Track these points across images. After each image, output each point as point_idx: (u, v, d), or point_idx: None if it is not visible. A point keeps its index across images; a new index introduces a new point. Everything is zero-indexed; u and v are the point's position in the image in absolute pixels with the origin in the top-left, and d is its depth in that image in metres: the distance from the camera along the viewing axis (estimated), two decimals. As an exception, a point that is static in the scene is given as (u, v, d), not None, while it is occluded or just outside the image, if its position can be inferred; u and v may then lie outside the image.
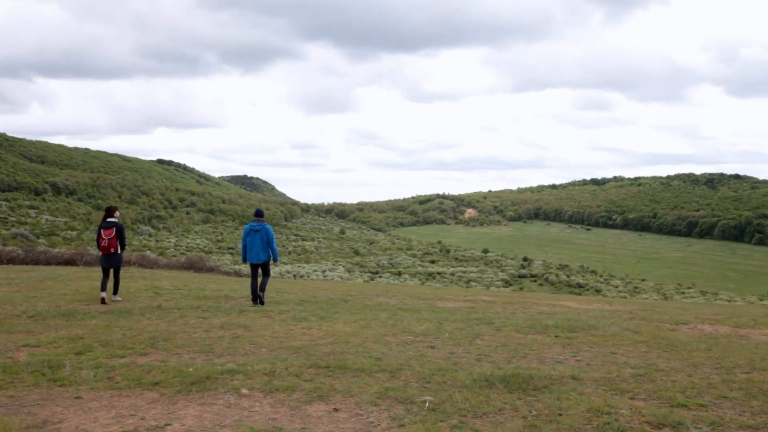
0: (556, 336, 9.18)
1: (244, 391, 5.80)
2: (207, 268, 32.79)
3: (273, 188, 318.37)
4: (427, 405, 5.37)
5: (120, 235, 12.11)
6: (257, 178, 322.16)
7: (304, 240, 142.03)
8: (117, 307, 11.28)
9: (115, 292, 12.51)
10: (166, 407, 5.34)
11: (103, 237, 12.02)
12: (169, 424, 4.91)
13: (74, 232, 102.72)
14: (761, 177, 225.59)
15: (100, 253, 12.24)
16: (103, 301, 11.81)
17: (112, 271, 12.42)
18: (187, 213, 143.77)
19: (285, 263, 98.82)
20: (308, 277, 78.76)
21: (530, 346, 8.31)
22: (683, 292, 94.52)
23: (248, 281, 20.48)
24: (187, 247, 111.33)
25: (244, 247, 12.55)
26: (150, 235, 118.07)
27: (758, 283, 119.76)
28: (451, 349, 7.99)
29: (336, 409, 5.32)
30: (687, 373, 6.77)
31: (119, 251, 12.22)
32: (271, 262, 12.75)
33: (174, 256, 69.92)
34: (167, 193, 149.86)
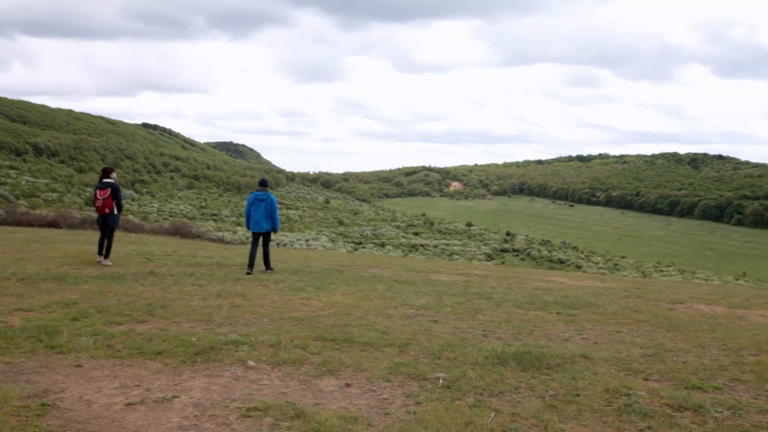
0: (558, 313, 9.09)
1: (250, 363, 5.63)
2: (193, 234, 32.48)
3: (259, 156, 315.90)
4: (441, 382, 5.24)
5: (116, 196, 12.19)
6: (243, 145, 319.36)
7: (288, 209, 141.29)
8: (109, 271, 11.03)
9: (106, 256, 12.38)
10: (172, 378, 5.16)
11: (98, 197, 12.13)
12: (177, 396, 4.73)
13: (55, 194, 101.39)
14: (743, 158, 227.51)
15: (97, 214, 12.31)
16: (99, 253, 12.19)
17: (106, 231, 12.43)
18: (171, 178, 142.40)
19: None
20: (291, 245, 78.42)
21: (534, 323, 8.21)
22: (662, 270, 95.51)
23: (239, 249, 20.37)
24: (170, 212, 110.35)
25: (248, 215, 12.57)
26: (133, 200, 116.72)
27: (734, 263, 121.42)
28: (455, 324, 7.87)
29: (348, 385, 5.17)
30: (696, 354, 6.70)
31: (114, 212, 12.28)
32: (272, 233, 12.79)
33: (157, 221, 69.28)
34: (151, 157, 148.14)
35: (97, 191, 12.25)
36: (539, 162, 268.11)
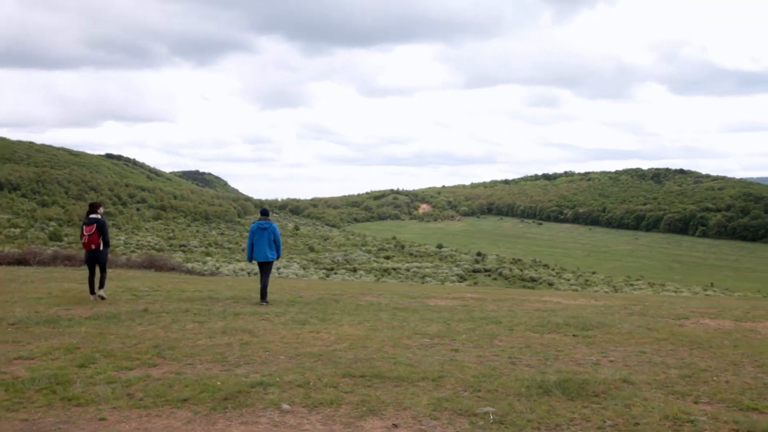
0: (573, 335, 8.89)
1: (285, 406, 5.29)
2: (168, 267, 31.74)
3: (226, 184, 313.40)
4: (491, 417, 4.97)
5: (102, 231, 12.03)
6: (210, 174, 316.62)
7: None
8: (102, 311, 10.54)
9: (101, 286, 12.36)
10: (206, 428, 4.81)
11: (84, 233, 12.01)
12: (218, 448, 4.39)
13: (18, 230, 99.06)
14: (704, 172, 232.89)
15: (83, 250, 12.26)
16: (98, 298, 12.08)
17: (97, 267, 12.34)
18: (138, 209, 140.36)
19: (239, 260, 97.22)
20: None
21: (555, 347, 8.00)
22: (632, 284, 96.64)
23: (224, 281, 19.85)
24: (137, 244, 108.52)
25: (251, 245, 12.60)
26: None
27: (701, 274, 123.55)
28: (476, 352, 7.61)
29: (396, 426, 4.87)
30: (733, 373, 6.54)
31: (101, 248, 12.12)
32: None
33: (125, 254, 67.86)
34: (116, 188, 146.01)
35: (84, 227, 12.08)
36: (506, 182, 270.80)
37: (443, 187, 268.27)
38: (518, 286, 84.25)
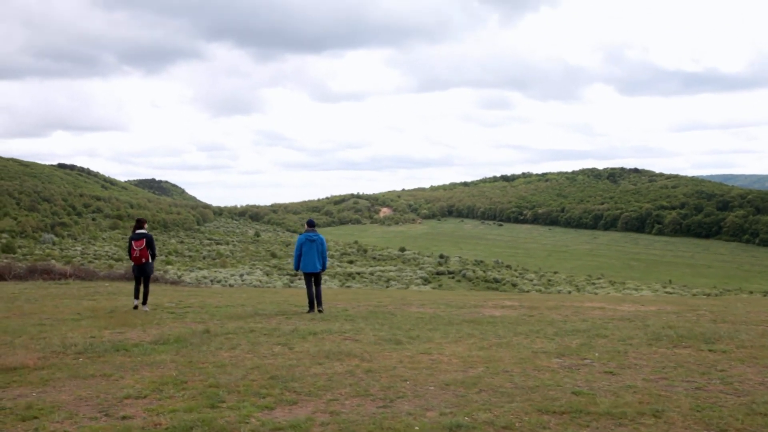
0: (710, 350, 8.14)
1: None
2: (151, 279, 30.18)
3: (183, 191, 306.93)
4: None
5: (150, 246, 12.77)
6: (166, 182, 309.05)
7: (218, 244, 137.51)
8: (163, 334, 9.39)
9: (144, 302, 12.81)
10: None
11: (135, 248, 12.66)
12: None
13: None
14: (656, 170, 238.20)
15: (132, 263, 12.98)
16: (135, 308, 12.56)
17: (142, 279, 12.91)
18: (93, 219, 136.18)
19: (201, 268, 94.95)
20: (226, 282, 75.73)
21: (708, 365, 7.26)
22: (593, 283, 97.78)
23: (238, 292, 18.55)
24: (95, 254, 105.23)
25: (299, 256, 12.66)
26: (54, 244, 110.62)
27: (660, 272, 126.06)
28: (635, 374, 6.81)
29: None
30: None
31: (150, 261, 12.83)
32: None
33: (82, 264, 65.31)
34: (70, 198, 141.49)
35: (133, 242, 12.69)
36: (465, 184, 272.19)
37: (403, 190, 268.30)
38: (482, 288, 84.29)
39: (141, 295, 12.91)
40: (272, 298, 16.56)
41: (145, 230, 12.91)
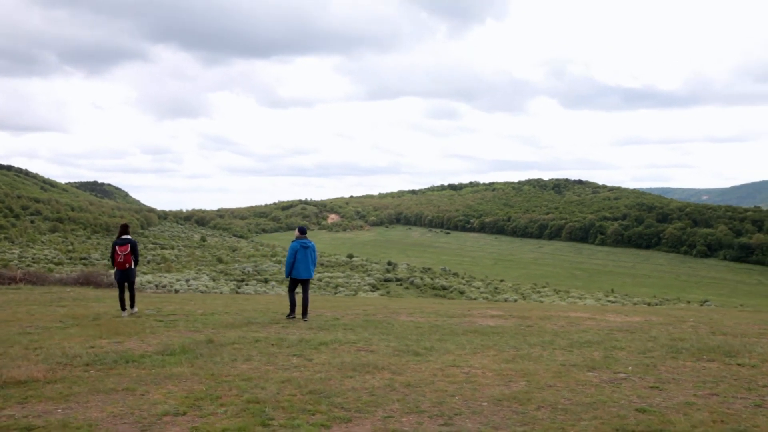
0: (738, 364, 8.10)
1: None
2: (106, 284, 29.29)
3: (127, 195, 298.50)
4: None
5: (134, 251, 12.60)
6: (109, 185, 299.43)
7: (163, 248, 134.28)
8: (166, 344, 8.87)
9: (131, 306, 12.81)
10: None
11: (119, 253, 12.45)
12: None
13: None
14: (599, 182, 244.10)
15: (115, 269, 12.65)
16: (122, 309, 12.52)
17: (126, 285, 12.75)
18: (32, 222, 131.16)
19: (145, 273, 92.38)
20: (171, 287, 73.87)
21: (743, 378, 7.24)
22: (539, 292, 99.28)
23: (219, 299, 17.81)
24: (33, 258, 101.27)
25: (292, 263, 12.46)
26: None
27: (602, 281, 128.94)
28: (681, 389, 6.73)
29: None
30: None
31: (133, 266, 12.67)
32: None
33: (20, 268, 62.69)
34: (7, 200, 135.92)
35: (117, 247, 12.48)
36: (413, 192, 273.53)
37: (351, 197, 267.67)
38: (430, 296, 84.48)
39: (128, 304, 12.80)
40: (251, 306, 16.05)
41: (129, 236, 12.71)
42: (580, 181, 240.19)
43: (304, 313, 12.47)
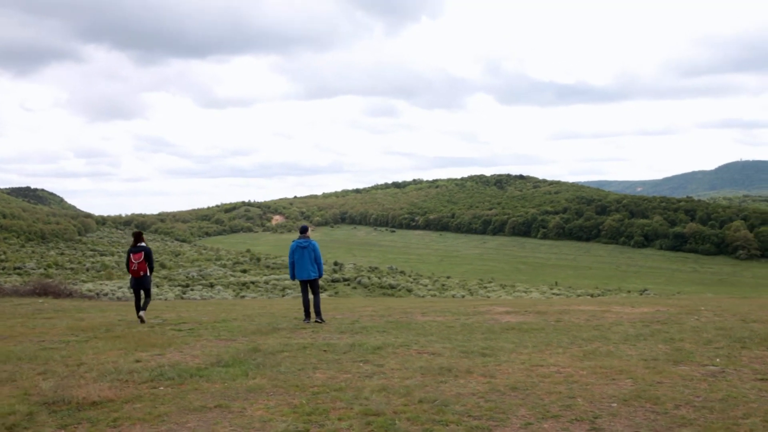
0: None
1: None
2: (65, 293, 28.02)
3: (62, 200, 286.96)
4: None
5: (148, 259, 12.49)
6: (42, 190, 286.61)
7: (102, 255, 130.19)
8: (216, 355, 8.24)
9: (143, 308, 12.57)
10: None
11: (133, 261, 12.34)
12: None
13: None
14: (540, 177, 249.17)
15: (130, 277, 12.56)
16: (141, 320, 12.23)
17: (142, 292, 12.63)
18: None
19: (84, 281, 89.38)
20: (113, 294, 71.55)
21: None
22: (485, 287, 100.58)
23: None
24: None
25: (292, 264, 12.28)
26: None
27: (546, 274, 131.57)
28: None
29: None
30: None
31: (148, 274, 12.55)
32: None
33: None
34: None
35: (132, 255, 12.37)
36: (357, 191, 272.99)
37: (295, 197, 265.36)
38: (378, 295, 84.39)
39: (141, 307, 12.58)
40: (245, 312, 15.41)
41: (144, 244, 12.63)
42: (521, 176, 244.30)
43: (317, 314, 12.18)
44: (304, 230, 12.57)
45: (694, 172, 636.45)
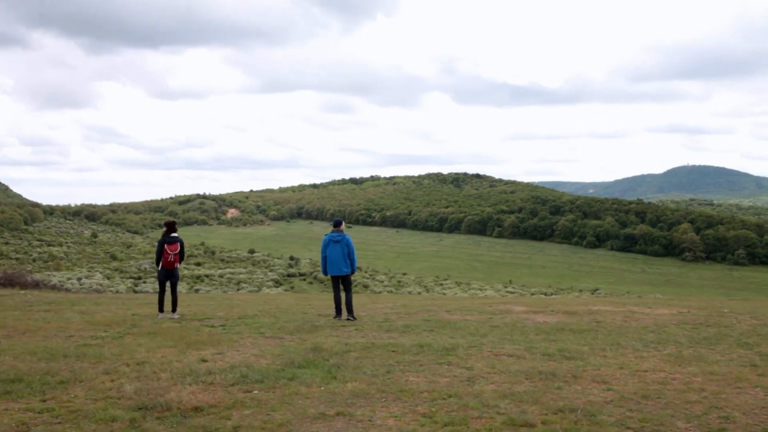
0: None
1: None
2: (31, 284, 26.66)
3: (7, 188, 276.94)
4: None
5: (182, 250, 11.99)
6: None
7: (50, 245, 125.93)
8: (285, 357, 7.61)
9: (173, 310, 11.90)
10: None
11: (169, 252, 11.68)
12: None
13: None
14: (495, 176, 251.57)
15: (161, 267, 11.78)
16: (160, 311, 11.71)
17: (169, 285, 11.91)
18: None
19: (30, 272, 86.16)
20: (63, 285, 69.19)
21: None
22: (441, 284, 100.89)
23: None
24: None
25: (325, 258, 11.87)
26: None
27: (501, 272, 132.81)
28: None
29: None
30: None
31: (180, 265, 12.11)
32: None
33: None
34: None
35: (167, 246, 11.66)
36: (314, 186, 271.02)
37: (251, 191, 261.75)
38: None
39: (167, 306, 11.98)
40: (257, 308, 14.69)
41: (177, 233, 12.06)
42: (477, 175, 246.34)
43: (349, 311, 11.72)
44: (338, 224, 12.13)
45: (644, 175, 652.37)
